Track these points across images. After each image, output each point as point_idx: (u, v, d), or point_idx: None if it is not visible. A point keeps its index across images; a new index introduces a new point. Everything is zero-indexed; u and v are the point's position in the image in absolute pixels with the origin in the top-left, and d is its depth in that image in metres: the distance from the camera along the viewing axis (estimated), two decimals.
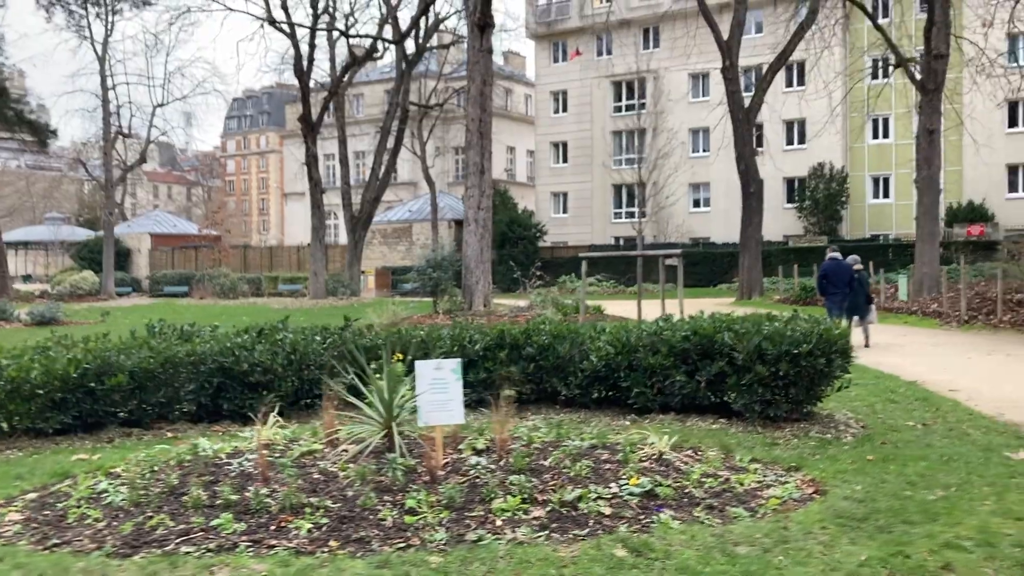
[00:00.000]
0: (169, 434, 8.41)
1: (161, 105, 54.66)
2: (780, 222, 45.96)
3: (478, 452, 6.39)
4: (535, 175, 57.81)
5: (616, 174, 50.66)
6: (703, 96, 47.88)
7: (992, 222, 40.12)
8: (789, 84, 46.38)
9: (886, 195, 44.98)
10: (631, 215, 51.31)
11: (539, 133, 54.82)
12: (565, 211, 53.43)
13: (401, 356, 7.96)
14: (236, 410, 8.79)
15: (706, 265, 42.53)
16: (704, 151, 48.57)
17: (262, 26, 33.93)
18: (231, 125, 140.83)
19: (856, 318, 16.35)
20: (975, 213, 40.29)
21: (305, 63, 37.33)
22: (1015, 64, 30.36)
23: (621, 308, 25.68)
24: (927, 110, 25.27)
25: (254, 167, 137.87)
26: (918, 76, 26.07)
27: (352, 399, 6.65)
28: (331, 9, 39.39)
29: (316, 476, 5.89)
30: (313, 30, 37.15)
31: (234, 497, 5.33)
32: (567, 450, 6.15)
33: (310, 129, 38.12)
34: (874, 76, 40.82)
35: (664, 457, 6.40)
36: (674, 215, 49.02)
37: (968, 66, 29.74)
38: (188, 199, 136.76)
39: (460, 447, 6.50)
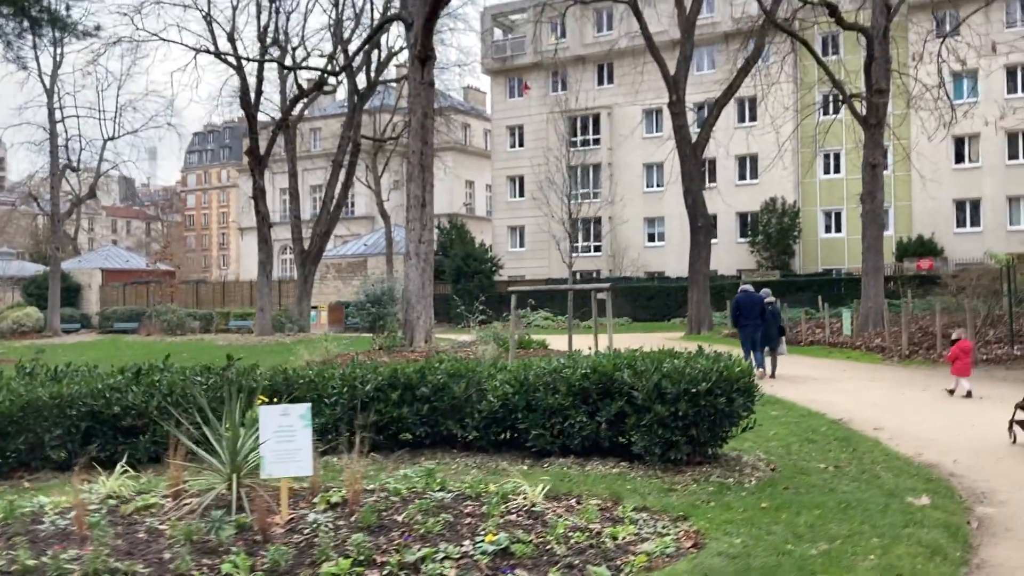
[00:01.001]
0: (27, 484, 7.77)
1: (112, 138, 53.82)
2: (733, 256, 46.03)
3: (332, 506, 5.86)
4: (492, 209, 57.59)
5: (574, 208, 50.56)
6: (656, 131, 48.05)
7: (942, 256, 40.40)
8: (741, 119, 46.72)
9: (838, 229, 45.22)
10: (587, 249, 51.20)
11: (496, 167, 54.68)
12: (522, 245, 53.16)
13: (264, 399, 7.43)
14: (109, 457, 8.18)
15: (660, 299, 42.35)
16: (658, 186, 48.67)
17: (195, 56, 33.41)
18: (192, 159, 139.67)
19: (767, 348, 17.21)
20: (924, 247, 40.56)
21: (253, 95, 36.85)
22: (958, 100, 30.65)
23: (562, 343, 25.27)
24: (870, 144, 25.34)
25: (215, 201, 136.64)
26: (862, 112, 26.17)
27: (192, 446, 6.10)
28: (281, 41, 39.03)
29: (141, 535, 5.32)
30: (261, 62, 36.71)
31: (31, 563, 4.74)
32: (424, 504, 5.63)
33: (257, 162, 37.54)
34: (825, 112, 41.20)
35: (535, 509, 5.90)
36: (630, 249, 48.94)
37: (913, 102, 30.02)
38: (147, 234, 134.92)
39: (315, 500, 5.96)
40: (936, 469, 8.50)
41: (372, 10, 37.56)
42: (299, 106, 41.87)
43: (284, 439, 5.58)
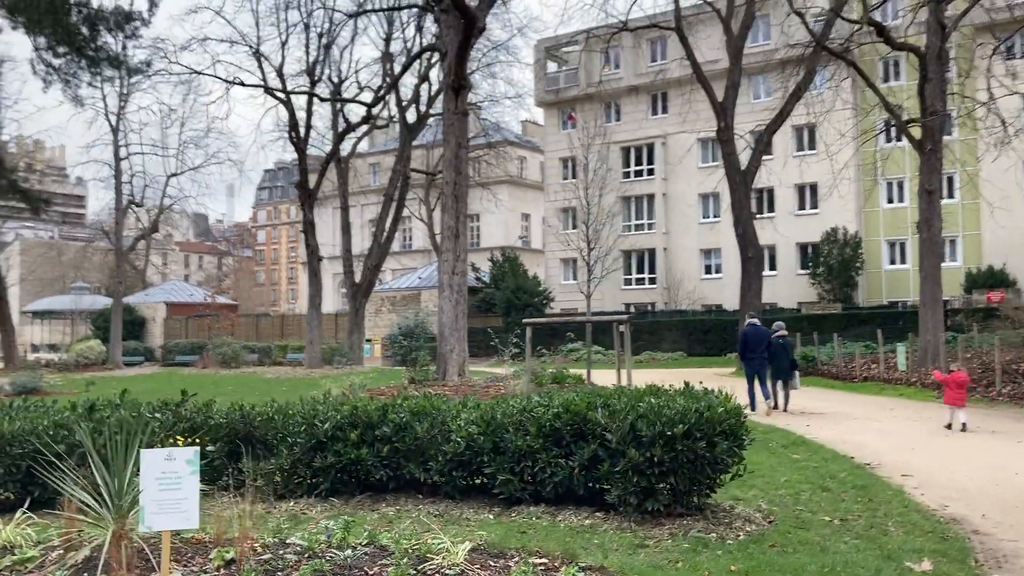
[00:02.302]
0: None
1: (175, 175, 55.00)
2: (793, 289, 44.46)
3: (227, 563, 5.22)
4: (545, 241, 57.02)
5: (628, 240, 49.68)
6: (712, 161, 46.90)
7: (1015, 288, 38.26)
8: (800, 148, 45.38)
9: (903, 260, 43.34)
10: (641, 281, 50.15)
11: (548, 199, 54.17)
12: (575, 278, 52.30)
13: (181, 440, 6.87)
14: (52, 498, 7.72)
15: (716, 333, 40.98)
16: (715, 216, 47.46)
17: (227, 89, 33.77)
18: (262, 196, 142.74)
19: (780, 382, 17.02)
20: (995, 278, 38.47)
21: (302, 130, 37.09)
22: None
23: (606, 377, 24.38)
24: (925, 170, 24.04)
25: (284, 237, 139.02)
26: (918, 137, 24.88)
27: (77, 495, 5.54)
28: (331, 76, 39.30)
29: None
30: (310, 97, 36.96)
31: None
32: (318, 565, 4.95)
33: (307, 196, 37.72)
34: (887, 139, 39.69)
35: (449, 573, 5.16)
36: (685, 281, 47.76)
37: (976, 126, 28.58)
38: (219, 269, 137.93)
39: (211, 555, 5.34)
40: (959, 525, 7.49)
41: (421, 43, 37.56)
42: (351, 141, 42.16)
43: (168, 487, 4.98)
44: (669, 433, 6.81)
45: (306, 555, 5.37)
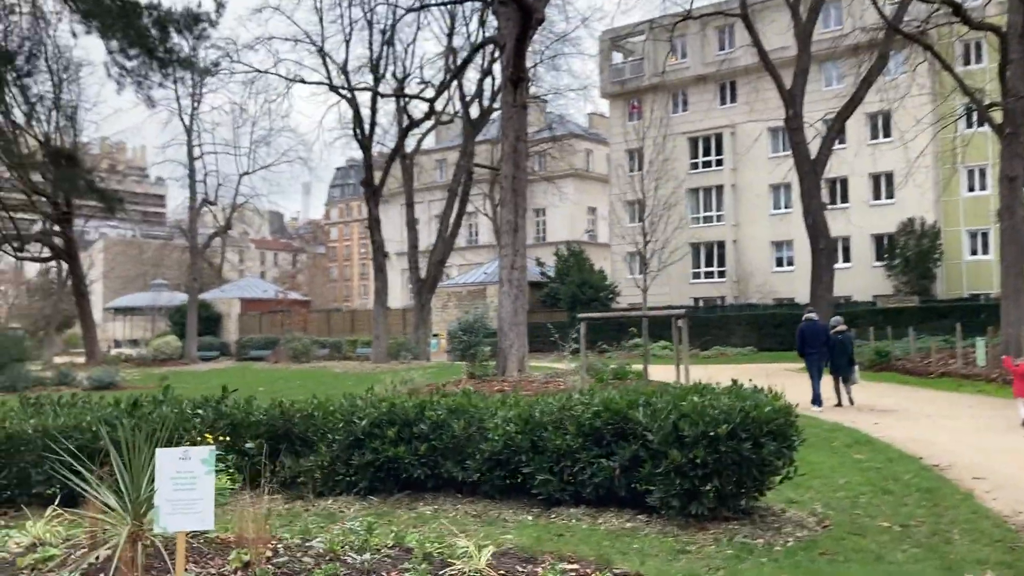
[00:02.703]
0: (1, 521, 7.43)
1: (247, 173, 56.10)
2: (868, 281, 43.08)
3: (245, 565, 5.10)
4: (611, 235, 56.44)
5: (695, 233, 48.85)
6: (783, 150, 45.63)
7: None
8: (874, 136, 43.91)
9: (985, 251, 41.57)
10: (710, 275, 49.24)
11: (613, 192, 53.56)
12: (641, 271, 51.64)
13: (210, 437, 6.80)
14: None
15: (788, 327, 39.76)
16: (786, 207, 46.30)
17: (288, 87, 34.07)
18: (335, 193, 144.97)
19: (841, 378, 16.72)
20: None
21: (367, 127, 37.33)
22: None
23: (668, 373, 23.88)
24: (1007, 155, 22.92)
25: (356, 233, 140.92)
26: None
27: (99, 492, 5.48)
28: (396, 73, 39.43)
29: None
30: (374, 94, 37.14)
31: None
32: (331, 569, 4.78)
33: (372, 193, 38.01)
34: (968, 124, 38.10)
35: None
36: (755, 274, 46.72)
37: None
38: (293, 265, 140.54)
39: (231, 557, 5.22)
40: None
41: (483, 36, 37.39)
42: (416, 137, 42.30)
43: (183, 487, 4.87)
44: (712, 433, 6.48)
45: (327, 557, 5.22)
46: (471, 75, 40.16)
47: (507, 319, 23.20)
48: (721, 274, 48.93)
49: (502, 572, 5.12)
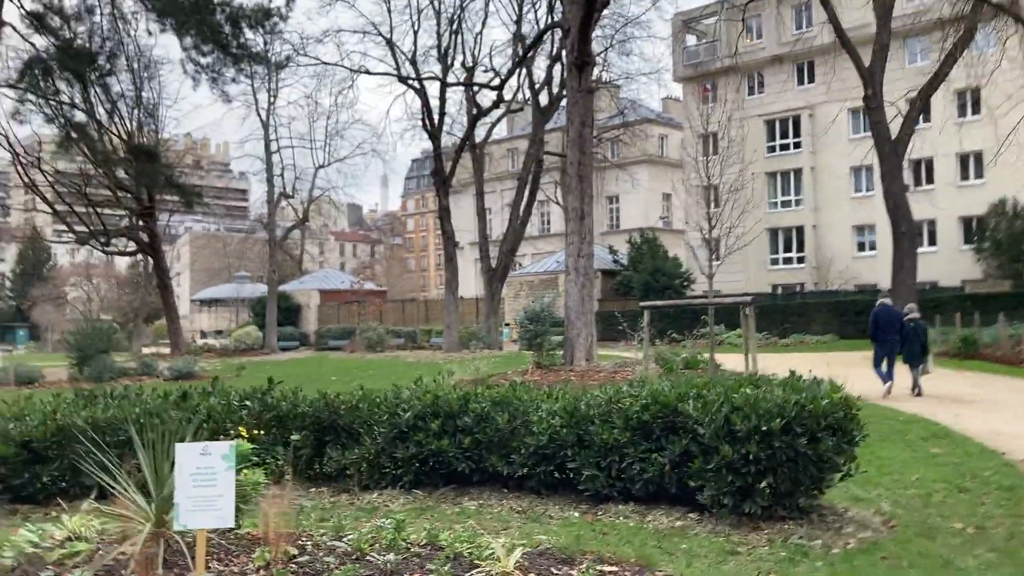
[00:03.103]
0: (54, 512, 7.50)
1: (322, 166, 56.93)
2: (956, 265, 41.29)
3: (267, 564, 4.96)
4: (686, 222, 55.43)
5: (773, 218, 47.64)
6: (864, 131, 44.06)
7: None
8: (962, 113, 41.99)
9: None
10: (788, 261, 47.96)
11: (687, 178, 52.55)
12: (717, 258, 50.57)
13: (245, 432, 6.70)
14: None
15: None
16: (868, 190, 44.69)
17: (353, 79, 34.22)
18: (411, 184, 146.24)
19: (911, 366, 16.11)
20: None
21: (436, 117, 37.35)
22: None
23: (740, 362, 23.25)
24: None
25: (431, 224, 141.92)
26: None
27: (126, 488, 5.41)
28: (465, 62, 39.34)
29: None
30: (443, 83, 37.12)
31: None
32: (352, 570, 4.59)
33: (442, 183, 38.07)
34: None
35: None
36: (836, 260, 45.27)
37: None
38: (371, 256, 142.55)
39: (255, 555, 5.09)
40: None
41: (551, 22, 36.95)
42: (485, 126, 42.17)
43: (203, 483, 4.76)
44: (765, 428, 6.10)
45: (352, 556, 5.06)
46: (541, 62, 39.85)
47: (574, 308, 22.89)
48: (800, 260, 47.61)
49: (533, 574, 4.88)
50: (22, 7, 32.07)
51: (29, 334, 78.50)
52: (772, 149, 48.59)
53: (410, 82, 36.72)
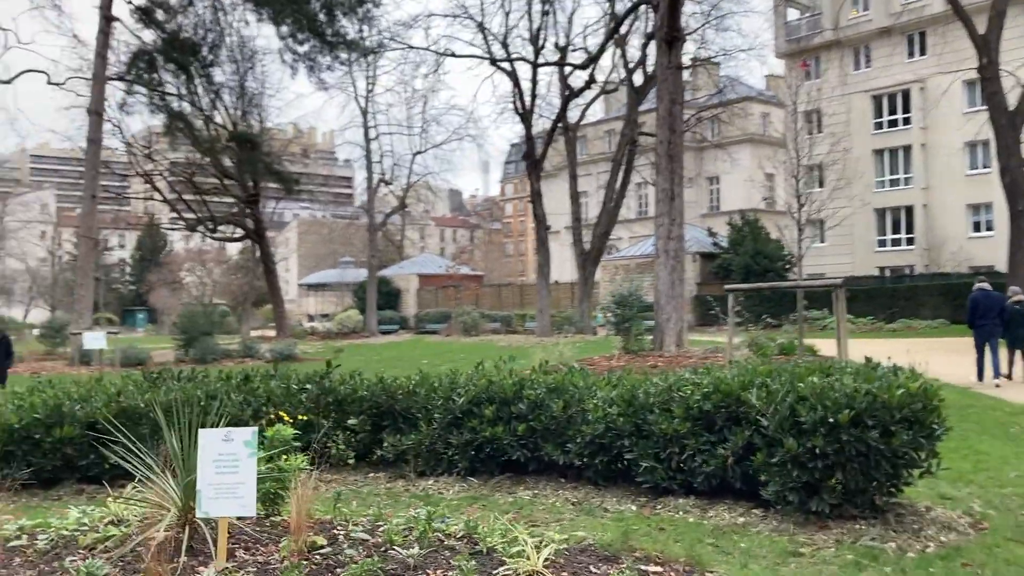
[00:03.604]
0: (116, 494, 7.60)
1: (419, 152, 57.43)
2: None
3: (292, 554, 4.80)
4: (788, 203, 53.60)
5: (880, 197, 45.60)
6: (980, 105, 41.69)
7: None
8: None
9: None
10: (897, 242, 45.83)
11: (790, 156, 50.77)
12: (822, 240, 48.78)
13: (286, 417, 6.59)
14: None
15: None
16: (984, 167, 42.21)
17: (437, 63, 34.06)
18: (509, 169, 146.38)
19: (1018, 352, 15.69)
20: None
21: (528, 99, 37.07)
22: None
23: (857, 349, 22.22)
24: None
25: (529, 209, 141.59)
26: None
27: (141, 473, 5.35)
28: (558, 43, 38.85)
29: None
30: (535, 65, 36.77)
31: None
32: (368, 565, 4.37)
33: (533, 166, 37.81)
34: None
35: None
36: (949, 241, 43.01)
37: None
38: (471, 241, 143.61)
39: (282, 543, 4.95)
40: None
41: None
42: (579, 108, 41.64)
43: (226, 470, 4.65)
44: (832, 420, 5.62)
45: (381, 548, 4.86)
46: (635, 41, 39.10)
47: (664, 292, 22.35)
48: (910, 241, 45.44)
49: (567, 573, 4.59)
50: (131, 2, 33.28)
51: (148, 317, 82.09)
52: (879, 126, 46.44)
53: (500, 64, 36.51)
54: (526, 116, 36.90)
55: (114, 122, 36.38)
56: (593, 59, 35.71)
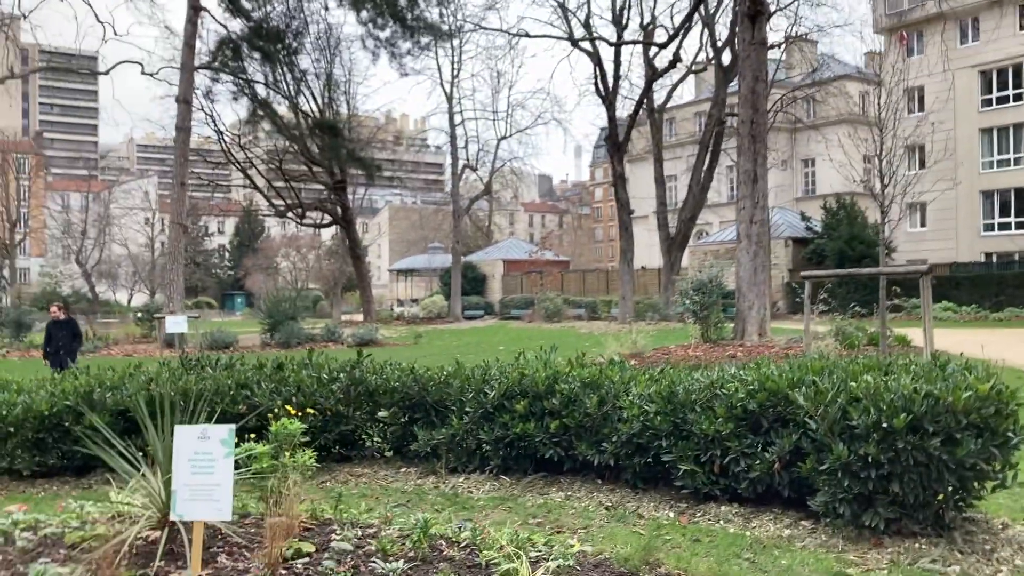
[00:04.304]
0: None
1: (504, 138, 57.20)
2: None
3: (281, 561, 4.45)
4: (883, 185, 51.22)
5: (986, 179, 43.07)
6: None
7: None
8: None
9: None
10: (1006, 226, 43.25)
11: (889, 137, 48.42)
12: (923, 224, 46.47)
13: (294, 411, 6.28)
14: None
15: None
16: None
17: (510, 43, 33.30)
18: (599, 154, 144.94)
19: None
20: None
21: (610, 81, 36.26)
22: None
23: (954, 339, 20.94)
24: None
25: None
26: None
27: (119, 464, 5.08)
28: (643, 22, 37.88)
29: None
30: (618, 46, 35.91)
31: None
32: None
33: (616, 149, 36.99)
34: None
35: None
36: None
37: None
38: (560, 227, 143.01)
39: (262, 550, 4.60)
40: None
41: None
42: (665, 89, 40.60)
43: (201, 470, 4.33)
44: (887, 425, 4.96)
45: (371, 558, 4.47)
46: (725, 19, 37.70)
47: (745, 278, 21.44)
48: (1020, 225, 42.79)
49: None
50: None
51: (246, 301, 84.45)
52: (987, 103, 43.82)
53: (581, 45, 35.75)
54: (608, 98, 36.10)
55: (207, 111, 37.29)
56: (674, 37, 34.60)
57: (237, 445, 5.59)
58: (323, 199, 48.06)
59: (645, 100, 36.98)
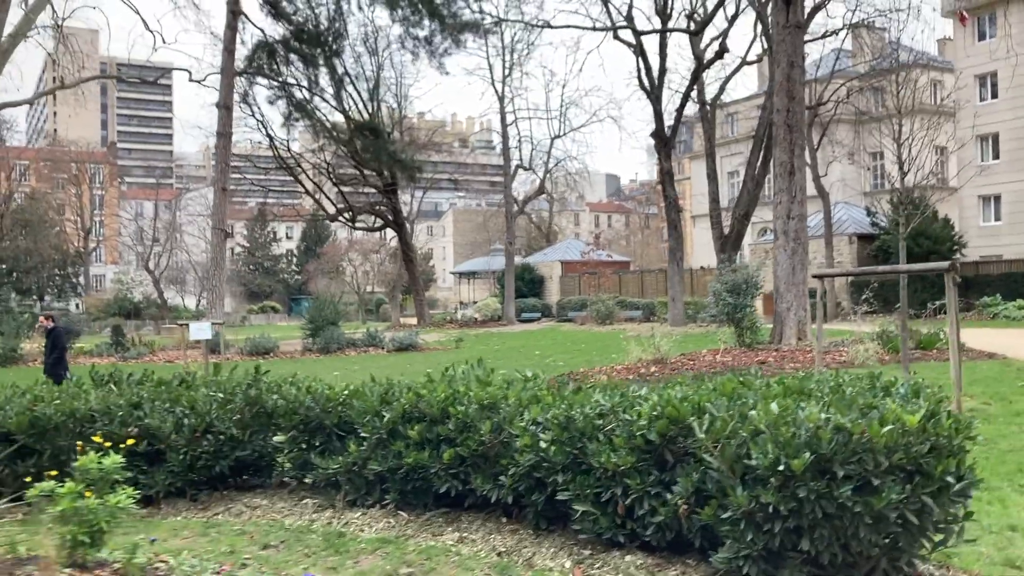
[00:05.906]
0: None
1: (558, 136, 56.22)
2: None
3: None
4: (958, 176, 48.56)
5: None
6: None
7: None
8: None
9: None
10: None
11: (961, 126, 45.82)
12: (998, 218, 43.81)
13: (98, 440, 5.49)
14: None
15: None
16: None
17: (534, 38, 31.98)
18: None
19: None
20: None
21: (656, 74, 34.95)
22: None
23: (1013, 341, 19.30)
24: None
25: (688, 192, 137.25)
26: None
27: None
28: (693, 14, 36.41)
29: None
30: (663, 36, 34.58)
31: None
32: None
33: (663, 144, 35.68)
34: None
35: None
36: None
37: None
38: (626, 227, 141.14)
39: None
40: None
41: None
42: (718, 82, 39.12)
43: None
44: (782, 468, 3.90)
45: None
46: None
47: (783, 278, 20.08)
48: None
49: None
50: None
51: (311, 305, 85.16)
52: None
53: (622, 36, 34.55)
54: (654, 92, 34.79)
55: (257, 116, 37.37)
56: (704, 23, 33.12)
57: (33, 484, 4.85)
58: (374, 202, 47.84)
59: (695, 93, 35.54)
